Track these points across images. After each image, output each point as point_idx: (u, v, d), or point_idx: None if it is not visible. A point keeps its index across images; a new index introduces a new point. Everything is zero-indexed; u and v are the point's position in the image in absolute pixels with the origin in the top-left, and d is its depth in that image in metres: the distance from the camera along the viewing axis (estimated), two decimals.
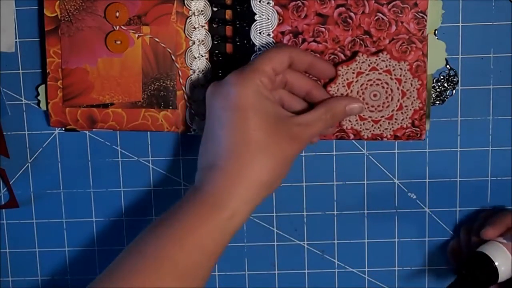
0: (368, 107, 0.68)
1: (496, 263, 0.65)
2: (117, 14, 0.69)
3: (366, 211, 0.74)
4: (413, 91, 0.68)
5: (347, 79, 0.67)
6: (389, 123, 0.69)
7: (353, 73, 0.67)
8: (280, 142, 0.61)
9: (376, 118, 0.69)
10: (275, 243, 0.75)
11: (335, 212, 0.74)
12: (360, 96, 0.68)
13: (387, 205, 0.74)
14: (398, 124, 0.69)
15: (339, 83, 0.67)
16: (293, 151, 0.62)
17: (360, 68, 0.67)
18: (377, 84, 0.68)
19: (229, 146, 0.60)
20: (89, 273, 0.76)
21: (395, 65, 0.67)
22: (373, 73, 0.67)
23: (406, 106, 0.68)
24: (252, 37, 0.69)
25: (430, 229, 0.74)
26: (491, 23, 0.69)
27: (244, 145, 0.60)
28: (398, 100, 0.68)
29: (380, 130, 0.69)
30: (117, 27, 0.69)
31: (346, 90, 0.68)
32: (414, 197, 0.74)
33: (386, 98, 0.68)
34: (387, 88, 0.68)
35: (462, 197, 0.73)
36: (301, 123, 0.63)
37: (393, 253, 0.75)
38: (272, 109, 0.61)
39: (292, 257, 0.75)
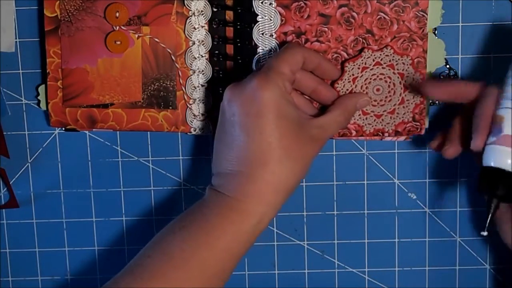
0: (371, 102, 0.68)
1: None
2: (117, 14, 0.69)
3: (366, 211, 0.74)
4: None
5: (353, 75, 0.68)
6: (391, 117, 0.69)
7: (359, 68, 0.68)
8: (303, 146, 0.61)
9: (378, 112, 0.69)
10: (275, 243, 0.75)
11: (335, 212, 0.74)
12: (364, 91, 0.68)
13: (387, 205, 0.74)
14: (400, 118, 0.69)
15: (345, 79, 0.68)
16: (313, 153, 0.63)
17: (365, 63, 0.67)
18: (380, 79, 0.68)
19: (255, 153, 0.60)
20: (89, 273, 0.76)
21: (398, 59, 0.67)
22: (377, 67, 0.68)
23: (407, 100, 0.68)
24: (254, 38, 0.68)
25: (430, 229, 0.74)
26: (491, 23, 0.69)
27: (271, 152, 0.60)
28: (400, 94, 0.68)
29: (382, 125, 0.69)
30: (117, 27, 0.69)
31: (351, 86, 0.68)
32: (414, 197, 0.74)
33: (389, 92, 0.68)
34: (389, 82, 0.68)
35: (462, 197, 0.73)
36: (319, 125, 0.63)
37: (393, 253, 0.75)
38: (294, 114, 0.61)
39: (292, 257, 0.75)
